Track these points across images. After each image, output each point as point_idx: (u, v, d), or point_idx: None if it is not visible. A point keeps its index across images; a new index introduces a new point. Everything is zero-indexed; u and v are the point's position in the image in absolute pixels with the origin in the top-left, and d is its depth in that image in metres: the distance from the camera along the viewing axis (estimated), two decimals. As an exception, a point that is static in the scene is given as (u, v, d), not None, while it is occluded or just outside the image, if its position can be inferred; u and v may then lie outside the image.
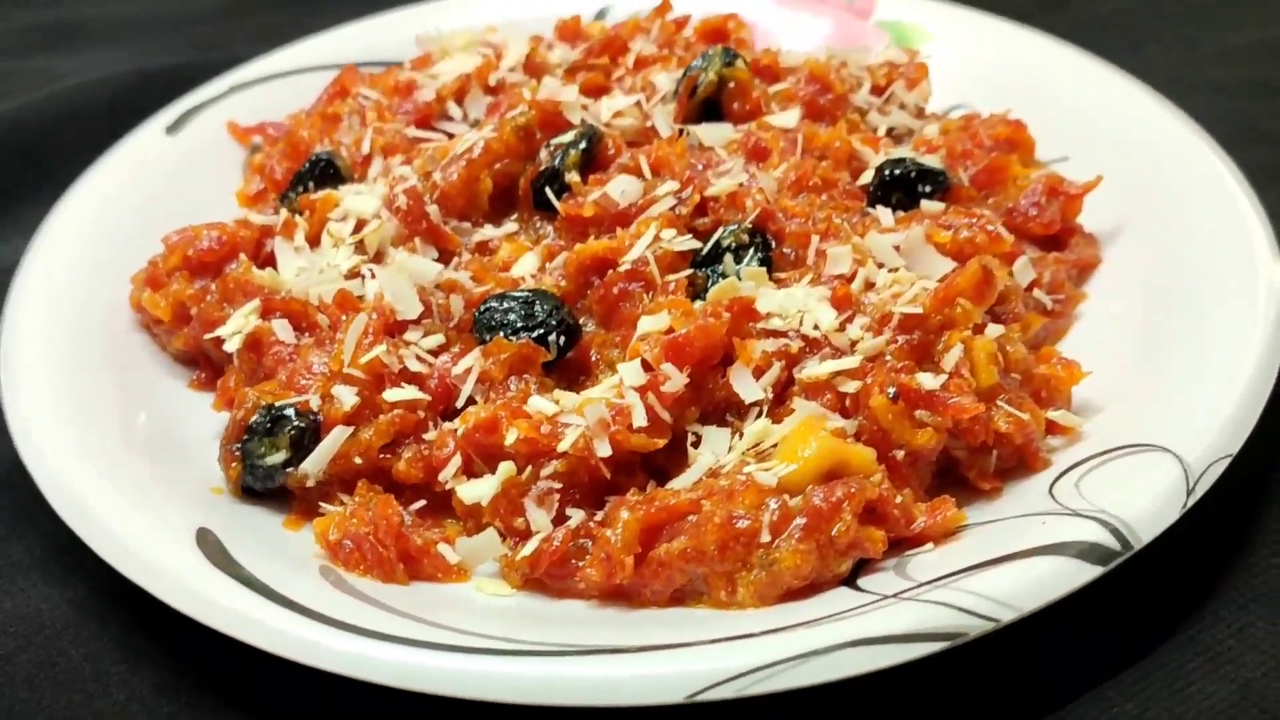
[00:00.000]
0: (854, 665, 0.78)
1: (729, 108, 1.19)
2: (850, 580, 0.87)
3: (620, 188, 1.07)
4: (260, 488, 0.96)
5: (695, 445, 0.94)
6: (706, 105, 1.19)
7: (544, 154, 1.13)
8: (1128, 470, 0.90)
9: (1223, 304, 1.00)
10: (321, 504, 0.95)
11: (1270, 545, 0.92)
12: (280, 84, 1.35)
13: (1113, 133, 1.20)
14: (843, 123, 1.15)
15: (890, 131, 1.21)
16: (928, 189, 1.08)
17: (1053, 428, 0.96)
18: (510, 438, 0.91)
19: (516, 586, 0.90)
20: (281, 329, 1.01)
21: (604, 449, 0.90)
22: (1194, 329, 1.00)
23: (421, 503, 0.95)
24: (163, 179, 1.24)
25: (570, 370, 1.01)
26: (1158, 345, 1.01)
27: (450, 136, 1.20)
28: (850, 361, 0.93)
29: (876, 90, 1.23)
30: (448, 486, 0.93)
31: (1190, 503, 0.86)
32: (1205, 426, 0.90)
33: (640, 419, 0.91)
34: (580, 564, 0.89)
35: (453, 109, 1.22)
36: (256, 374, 1.02)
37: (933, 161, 1.10)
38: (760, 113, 1.18)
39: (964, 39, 1.34)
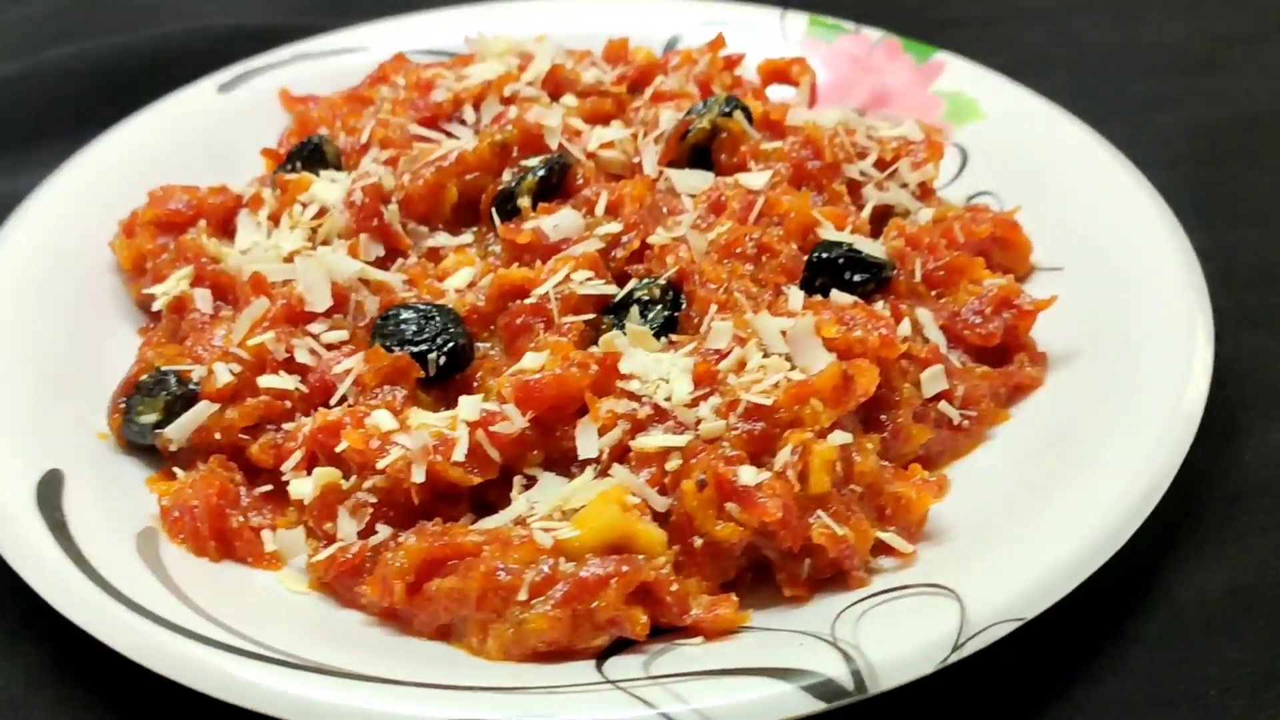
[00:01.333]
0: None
1: (717, 157, 1.18)
2: (604, 655, 0.87)
3: (555, 221, 1.08)
4: (137, 442, 1.02)
5: (528, 487, 0.96)
6: (696, 151, 1.18)
7: (507, 174, 1.15)
8: (914, 610, 0.86)
9: (1105, 474, 0.93)
10: (176, 469, 1.01)
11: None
12: (345, 59, 1.40)
13: (1111, 256, 1.12)
14: (807, 193, 1.12)
15: (884, 211, 1.17)
16: (857, 277, 1.04)
17: (888, 548, 0.93)
18: (341, 445, 0.95)
19: (311, 587, 0.94)
20: (201, 298, 1.07)
21: (419, 475, 0.93)
22: (1069, 487, 0.94)
23: (269, 487, 1.00)
24: (203, 134, 1.31)
25: (455, 390, 1.03)
26: (1033, 492, 0.95)
27: (449, 138, 1.23)
28: (678, 440, 0.92)
29: (881, 164, 1.19)
30: (284, 479, 0.98)
31: (953, 658, 0.82)
32: (1004, 585, 0.85)
33: (461, 454, 0.93)
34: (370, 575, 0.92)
35: (468, 113, 1.25)
36: (177, 335, 1.09)
37: (875, 250, 1.06)
38: (747, 166, 1.16)
39: (1013, 126, 1.27)
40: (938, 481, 0.98)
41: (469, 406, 0.95)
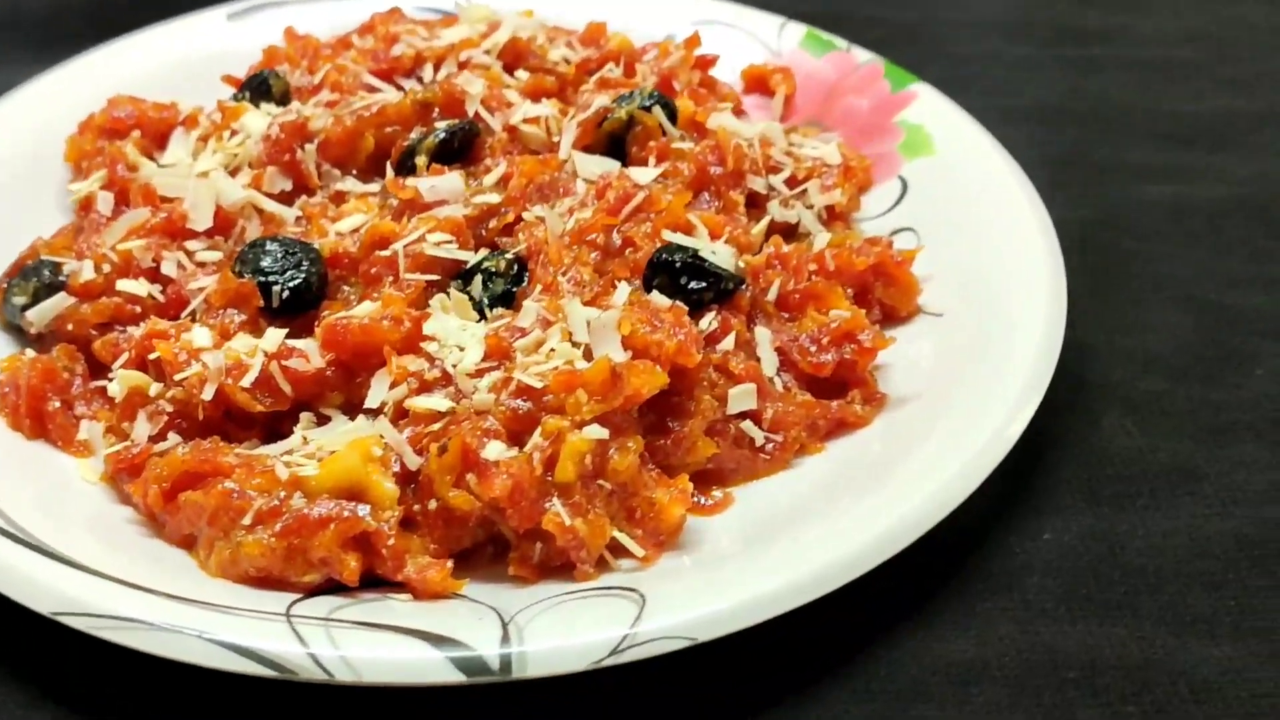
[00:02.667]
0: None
1: (630, 149, 1.19)
2: (316, 594, 0.91)
3: (432, 183, 1.11)
4: (11, 321, 1.10)
5: (321, 424, 1.00)
6: (613, 139, 1.19)
7: (416, 132, 1.19)
8: (596, 609, 0.87)
9: (863, 521, 0.92)
10: (28, 349, 1.08)
11: None
12: (354, 3, 1.46)
13: (985, 312, 1.09)
14: (686, 195, 1.11)
15: (786, 229, 1.16)
16: (693, 284, 1.04)
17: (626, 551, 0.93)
18: (154, 354, 1.01)
19: (102, 479, 1.00)
20: (103, 200, 1.15)
21: (208, 393, 0.98)
22: (830, 530, 0.92)
23: (106, 383, 1.06)
24: (205, 59, 1.39)
25: (299, 326, 1.07)
26: (797, 524, 0.94)
27: (400, 91, 1.28)
28: (445, 404, 0.94)
29: (793, 181, 1.18)
30: (110, 376, 1.04)
31: (608, 662, 0.82)
32: (689, 605, 0.85)
33: (249, 380, 0.97)
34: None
35: (428, 72, 1.29)
36: (82, 230, 1.16)
37: (724, 261, 1.05)
38: (660, 159, 1.17)
39: (956, 166, 1.24)
40: (717, 502, 0.98)
41: (271, 338, 1.00)
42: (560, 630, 0.85)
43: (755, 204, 1.18)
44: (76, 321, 1.07)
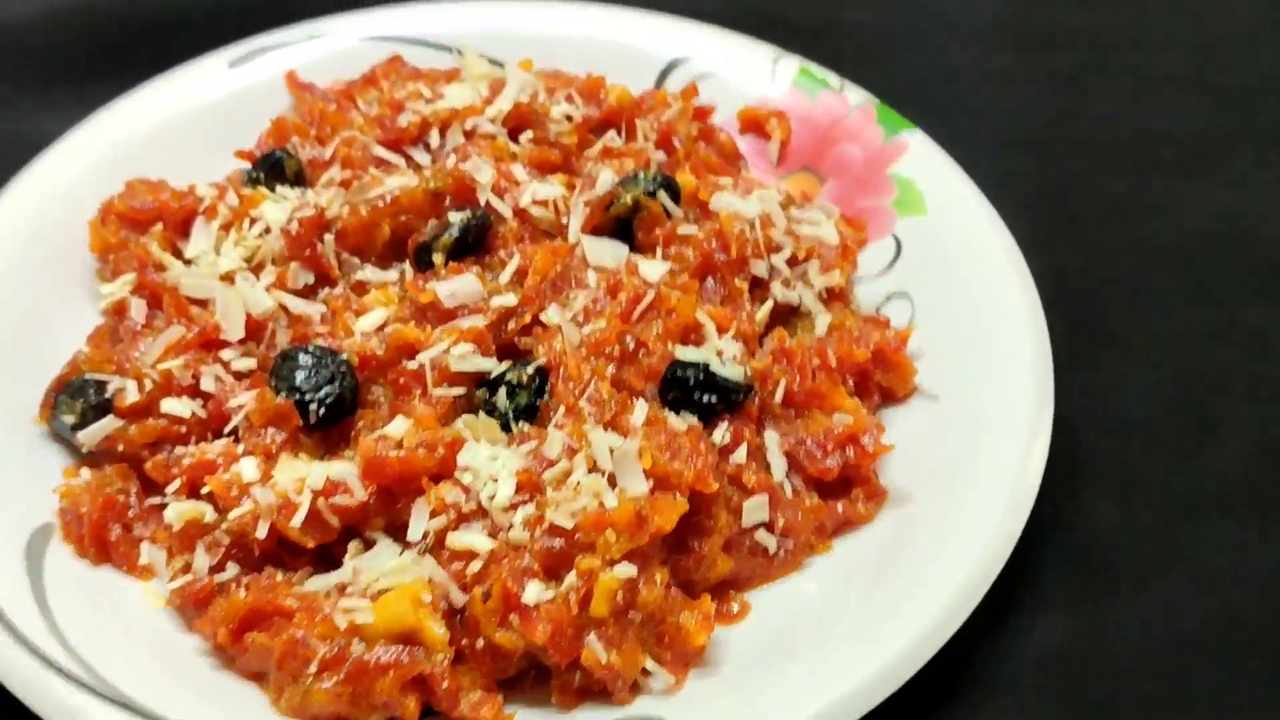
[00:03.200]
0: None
1: (637, 231, 1.24)
2: (376, 733, 1.00)
3: (451, 289, 1.17)
4: (59, 433, 1.17)
5: (366, 549, 1.08)
6: (619, 223, 1.25)
7: (430, 225, 1.23)
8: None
9: (880, 634, 1.01)
10: (85, 467, 1.15)
11: None
12: (356, 45, 1.47)
13: (982, 404, 1.16)
14: (693, 297, 1.17)
15: (789, 310, 1.23)
16: (706, 398, 1.11)
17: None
18: (206, 488, 1.08)
19: (168, 604, 1.08)
20: (136, 307, 1.20)
21: (262, 531, 1.05)
22: (846, 641, 1.02)
23: (160, 499, 1.13)
24: (210, 109, 1.42)
25: (335, 435, 1.14)
26: (813, 639, 1.04)
27: (410, 163, 1.32)
28: (484, 544, 1.02)
29: (794, 261, 1.24)
30: (165, 501, 1.11)
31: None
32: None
33: (299, 519, 1.05)
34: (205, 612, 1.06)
35: (434, 137, 1.33)
36: (115, 335, 1.22)
37: (734, 373, 1.12)
38: (666, 244, 1.22)
39: (947, 230, 1.29)
40: (736, 611, 1.08)
41: (318, 474, 1.07)
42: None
43: (756, 284, 1.24)
44: (126, 441, 1.14)
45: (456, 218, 1.22)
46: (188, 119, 1.41)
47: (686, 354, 1.13)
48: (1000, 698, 1.05)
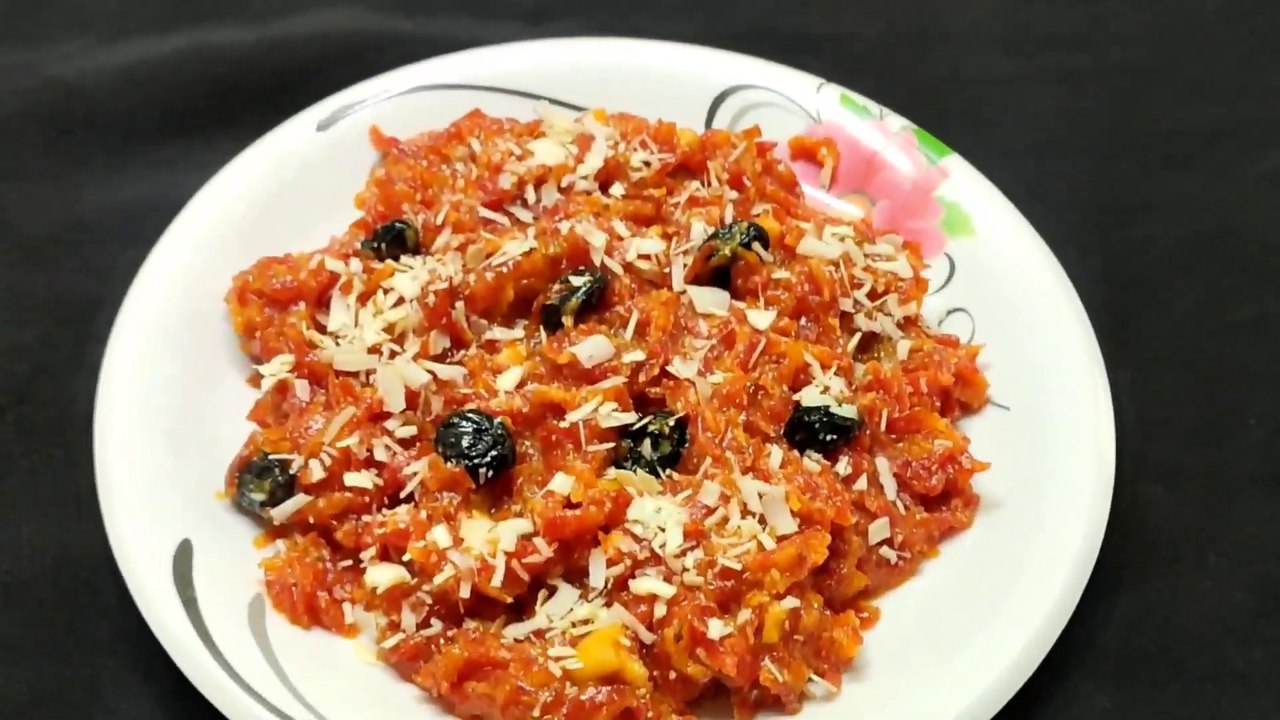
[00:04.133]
0: None
1: (735, 281, 1.39)
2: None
3: (589, 351, 1.31)
4: (246, 508, 1.30)
5: (549, 595, 1.23)
6: (718, 271, 1.39)
7: (555, 288, 1.37)
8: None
9: (1009, 622, 1.21)
10: (280, 540, 1.29)
11: None
12: (428, 95, 1.58)
13: (1048, 411, 1.35)
14: (802, 342, 1.34)
15: (870, 336, 1.40)
16: (829, 438, 1.28)
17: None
18: (407, 555, 1.22)
19: (378, 658, 1.23)
20: (300, 388, 1.32)
21: (465, 591, 1.20)
22: (979, 634, 1.21)
23: (349, 563, 1.27)
24: (305, 172, 1.51)
25: (499, 489, 1.29)
26: (949, 634, 1.23)
27: (514, 221, 1.45)
28: (668, 590, 1.19)
29: (873, 294, 1.41)
30: (362, 566, 1.26)
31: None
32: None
33: (498, 580, 1.20)
34: (422, 665, 1.21)
35: (530, 193, 1.46)
36: (278, 409, 1.34)
37: (848, 411, 1.29)
38: (759, 292, 1.38)
39: (996, 253, 1.47)
40: (868, 617, 1.26)
41: (508, 536, 1.22)
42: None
43: (842, 317, 1.40)
44: (316, 514, 1.27)
45: (579, 281, 1.36)
46: (286, 185, 1.51)
47: (807, 398, 1.30)
48: (1092, 670, 1.26)
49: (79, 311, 1.46)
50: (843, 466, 1.28)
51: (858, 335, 1.39)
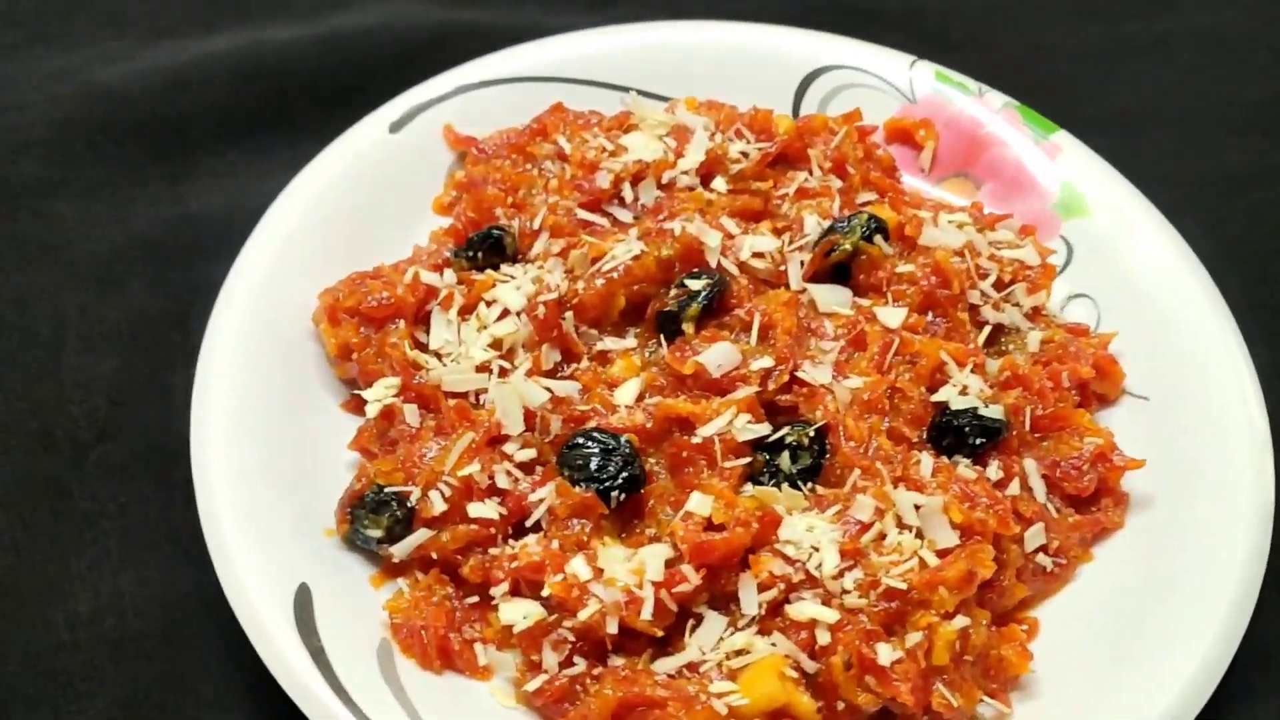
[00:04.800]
0: None
1: (856, 276, 1.32)
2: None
3: (717, 360, 1.23)
4: (361, 545, 1.21)
5: (695, 625, 1.16)
6: (837, 267, 1.32)
7: (672, 293, 1.29)
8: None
9: (1180, 629, 1.15)
10: (400, 578, 1.20)
11: None
12: (502, 90, 1.49)
13: (1190, 394, 1.29)
14: (937, 340, 1.27)
15: (997, 328, 1.32)
16: (979, 441, 1.21)
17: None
18: (546, 590, 1.14)
19: (519, 703, 1.16)
20: (410, 413, 1.24)
21: (613, 627, 1.13)
22: (1150, 641, 1.15)
23: (476, 599, 1.19)
24: (380, 176, 1.42)
25: (629, 511, 1.21)
26: (1116, 641, 1.17)
27: (614, 222, 1.36)
28: (830, 615, 1.12)
29: (999, 284, 1.33)
30: (493, 602, 1.18)
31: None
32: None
33: (648, 613, 1.13)
34: (569, 706, 1.14)
35: (626, 191, 1.37)
36: (385, 436, 1.25)
37: (995, 412, 1.22)
38: (883, 288, 1.30)
39: (1115, 232, 1.40)
40: (1029, 630, 1.20)
41: (654, 564, 1.14)
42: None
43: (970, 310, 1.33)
44: (438, 549, 1.19)
45: (697, 285, 1.28)
46: (362, 192, 1.42)
47: (949, 399, 1.23)
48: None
49: (152, 336, 1.36)
50: (993, 471, 1.21)
51: (986, 329, 1.32)
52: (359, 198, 1.41)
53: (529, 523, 1.20)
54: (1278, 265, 1.48)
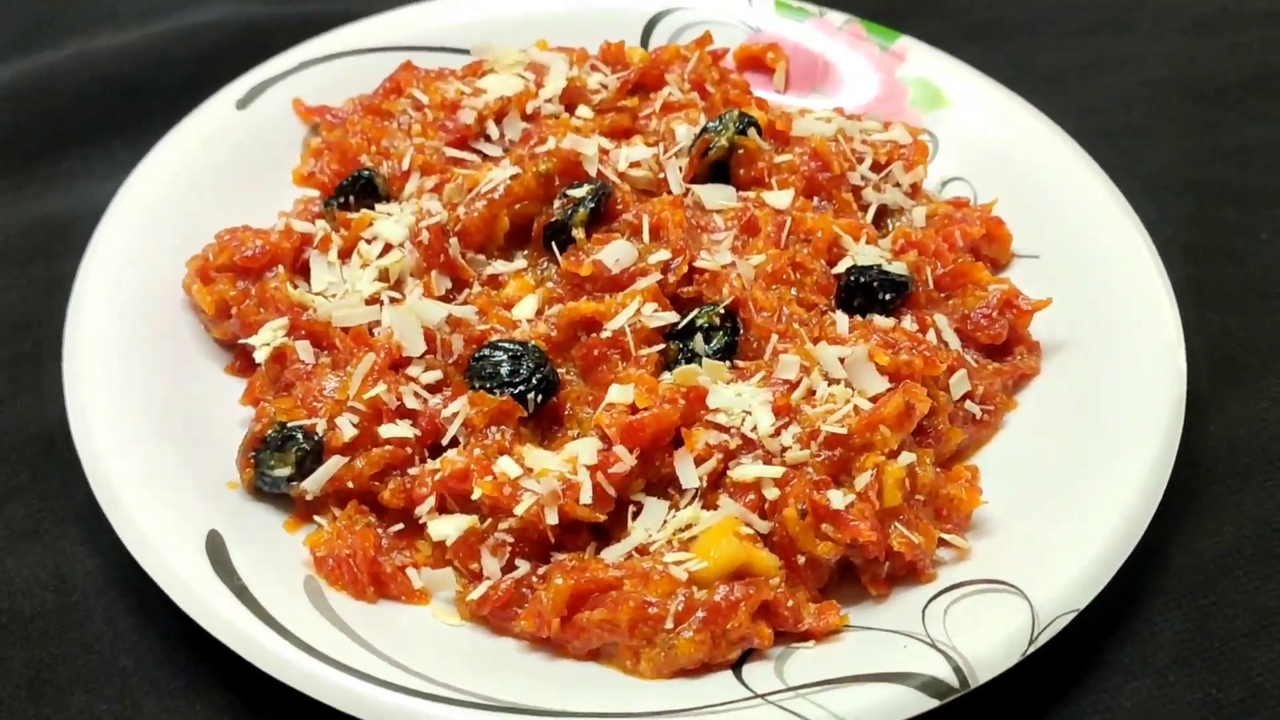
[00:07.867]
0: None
1: (736, 172, 1.31)
2: (737, 665, 1.04)
3: (615, 255, 1.20)
4: (268, 490, 1.13)
5: (635, 514, 1.11)
6: (716, 166, 1.31)
7: (556, 204, 1.26)
8: (987, 607, 1.05)
9: (1121, 450, 1.13)
10: (315, 517, 1.12)
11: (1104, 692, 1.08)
12: (348, 62, 1.46)
13: (1080, 243, 1.31)
14: (828, 214, 1.26)
15: (881, 209, 1.32)
16: (888, 296, 1.20)
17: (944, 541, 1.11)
18: (476, 493, 1.08)
19: (465, 619, 1.08)
20: (303, 349, 1.17)
21: (552, 518, 1.07)
22: (1091, 468, 1.13)
23: (400, 525, 1.12)
24: (231, 153, 1.37)
25: (546, 419, 1.16)
26: (1058, 475, 1.15)
27: (484, 158, 1.33)
28: (775, 471, 1.08)
29: (876, 167, 1.34)
30: (421, 521, 1.10)
31: (1030, 650, 1.02)
32: (1060, 579, 1.04)
33: (587, 497, 1.07)
34: (519, 610, 1.06)
35: (491, 129, 1.35)
36: (279, 381, 1.18)
37: (899, 268, 1.21)
38: (764, 179, 1.29)
39: (978, 115, 1.43)
40: (971, 477, 1.17)
41: (586, 451, 1.09)
42: (978, 635, 1.02)
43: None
44: (355, 477, 1.12)
45: (580, 192, 1.25)
46: (215, 169, 1.36)
47: (851, 251, 1.22)
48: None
49: (7, 330, 1.29)
50: (907, 323, 1.20)
51: (871, 209, 1.32)
52: (213, 173, 1.36)
53: (445, 440, 1.14)
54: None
